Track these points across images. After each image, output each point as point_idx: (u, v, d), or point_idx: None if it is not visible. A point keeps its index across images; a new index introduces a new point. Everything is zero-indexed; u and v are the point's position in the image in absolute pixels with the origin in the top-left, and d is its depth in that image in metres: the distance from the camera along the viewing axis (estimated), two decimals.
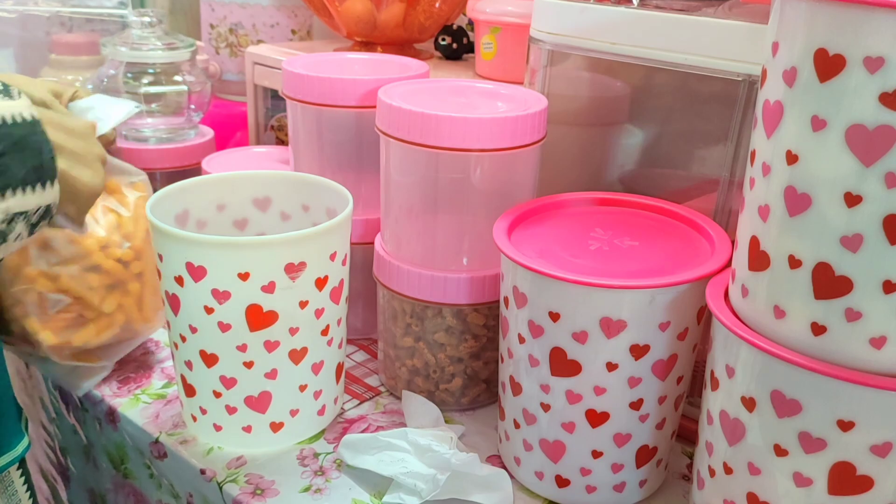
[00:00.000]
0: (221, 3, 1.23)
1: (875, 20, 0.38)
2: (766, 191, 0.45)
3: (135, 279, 0.72)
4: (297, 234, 0.59)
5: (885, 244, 0.41)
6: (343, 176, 0.75)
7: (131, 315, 0.72)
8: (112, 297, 0.70)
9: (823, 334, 0.44)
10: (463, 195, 0.67)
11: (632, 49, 0.64)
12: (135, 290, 0.72)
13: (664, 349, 0.55)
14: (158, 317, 0.75)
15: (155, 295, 0.74)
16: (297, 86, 0.75)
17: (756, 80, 0.58)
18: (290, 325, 0.61)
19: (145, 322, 0.74)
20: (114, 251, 0.70)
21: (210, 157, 0.95)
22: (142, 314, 0.73)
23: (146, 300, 0.73)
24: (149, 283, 0.73)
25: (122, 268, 0.70)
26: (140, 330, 0.74)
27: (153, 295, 0.74)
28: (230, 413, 0.64)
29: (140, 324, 0.73)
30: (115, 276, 0.70)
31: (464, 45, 1.08)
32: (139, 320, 0.73)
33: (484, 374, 0.72)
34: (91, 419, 0.76)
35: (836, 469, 0.45)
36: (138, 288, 0.72)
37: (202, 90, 1.04)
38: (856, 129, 0.40)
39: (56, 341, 0.68)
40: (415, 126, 0.63)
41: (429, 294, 0.68)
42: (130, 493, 0.75)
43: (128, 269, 0.71)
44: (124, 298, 0.71)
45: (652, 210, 0.66)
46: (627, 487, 0.60)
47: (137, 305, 0.72)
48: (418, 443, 0.62)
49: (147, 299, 0.73)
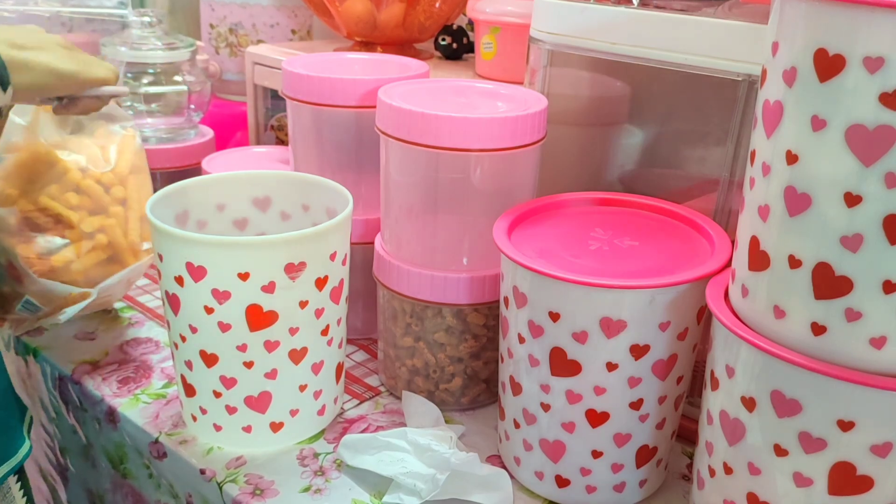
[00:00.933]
0: (221, 3, 1.23)
1: (875, 20, 0.38)
2: (766, 191, 0.45)
3: (117, 203, 0.72)
4: (297, 234, 0.60)
5: (885, 244, 0.41)
6: (343, 176, 0.75)
7: (115, 239, 0.72)
8: (93, 219, 0.71)
9: (823, 334, 0.44)
10: (463, 195, 0.67)
11: (632, 49, 0.64)
12: (117, 214, 0.72)
13: (664, 349, 0.55)
14: (146, 246, 0.75)
15: (142, 224, 0.74)
16: (297, 86, 0.75)
17: (756, 80, 0.58)
18: (290, 325, 0.61)
19: (132, 250, 0.74)
20: (93, 172, 0.72)
21: (210, 157, 0.95)
22: (127, 240, 0.73)
23: (131, 226, 0.73)
24: (134, 209, 0.74)
25: (103, 191, 0.72)
26: (126, 259, 0.74)
27: (139, 222, 0.74)
28: (230, 413, 0.64)
29: (126, 253, 0.73)
30: (96, 199, 0.71)
31: (464, 45, 1.08)
32: (125, 247, 0.73)
33: (484, 374, 0.72)
34: (90, 419, 0.76)
35: (836, 469, 0.45)
36: (121, 212, 0.73)
37: (202, 90, 1.04)
38: (856, 129, 0.40)
39: (33, 255, 0.69)
40: (415, 126, 0.63)
41: (429, 294, 0.68)
42: (129, 493, 0.75)
43: (109, 193, 0.72)
44: (106, 221, 0.72)
45: (652, 210, 0.66)
46: (627, 487, 0.60)
47: (122, 229, 0.73)
48: (418, 442, 0.62)
49: (132, 225, 0.73)
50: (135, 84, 0.99)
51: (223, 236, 0.59)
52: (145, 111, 1.00)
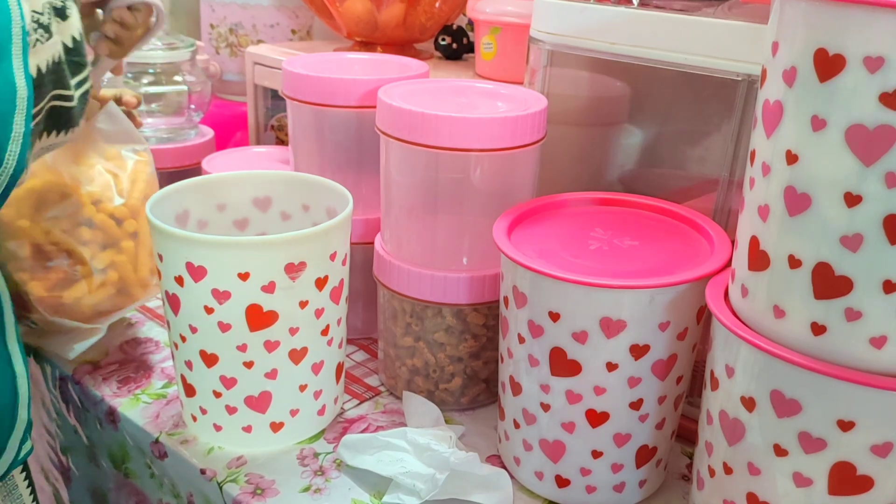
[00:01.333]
0: (221, 4, 1.23)
1: (875, 20, 0.38)
2: (765, 191, 0.45)
3: (128, 238, 0.71)
4: (297, 234, 0.60)
5: (885, 244, 0.41)
6: (343, 176, 0.75)
7: (125, 275, 0.71)
8: (104, 255, 0.70)
9: (823, 334, 0.44)
10: (463, 195, 0.67)
11: (632, 49, 0.64)
12: (128, 249, 0.71)
13: (664, 349, 0.55)
14: (155, 280, 0.74)
15: (152, 257, 0.73)
16: (297, 86, 0.75)
17: (756, 80, 0.58)
18: (290, 325, 0.61)
19: (141, 284, 0.73)
20: (106, 206, 0.70)
21: (210, 157, 0.95)
22: (137, 275, 0.72)
23: (142, 261, 0.72)
24: (144, 244, 0.72)
25: (115, 224, 0.70)
26: (135, 293, 0.73)
27: (150, 257, 0.73)
28: (230, 413, 0.64)
29: (135, 287, 0.72)
30: (108, 233, 0.70)
31: (464, 45, 1.08)
32: (134, 282, 0.72)
33: (484, 374, 0.72)
34: (92, 419, 0.76)
35: (836, 469, 0.45)
36: (132, 247, 0.71)
37: (202, 90, 1.04)
38: (856, 128, 0.40)
39: (45, 294, 0.68)
40: (415, 126, 0.63)
41: (429, 294, 0.68)
42: (132, 492, 0.75)
43: (121, 227, 0.70)
44: (117, 256, 0.71)
45: (652, 210, 0.66)
46: (627, 487, 0.60)
47: (132, 265, 0.72)
48: (417, 442, 0.62)
49: (143, 260, 0.72)
50: (135, 84, 0.99)
51: (223, 236, 0.59)
52: (145, 111, 1.00)
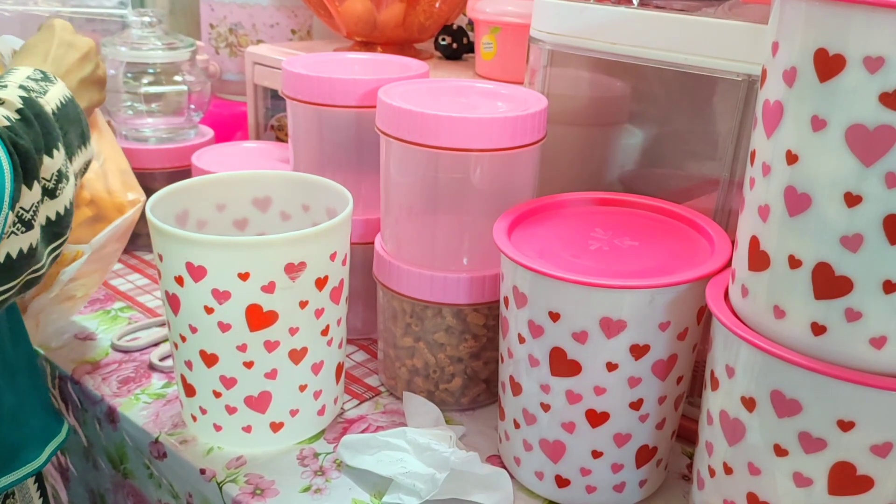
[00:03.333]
0: (221, 3, 1.23)
1: (875, 20, 0.38)
2: (766, 191, 0.45)
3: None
4: (297, 234, 0.59)
5: (885, 244, 0.41)
6: (343, 176, 0.75)
7: (97, 194, 0.72)
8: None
9: (823, 334, 0.44)
10: (463, 195, 0.67)
11: (632, 49, 0.64)
12: (93, 169, 0.71)
13: (664, 349, 0.55)
14: (130, 197, 0.74)
15: (123, 175, 0.74)
16: (297, 86, 0.75)
17: (756, 80, 0.58)
18: (290, 325, 0.61)
19: (115, 205, 0.73)
20: None
21: (200, 153, 0.95)
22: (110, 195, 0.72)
23: (111, 178, 0.73)
24: (112, 161, 0.73)
25: None
26: (111, 215, 0.73)
27: (120, 175, 0.73)
28: (230, 413, 0.64)
29: (110, 209, 0.72)
30: None
31: (464, 45, 1.08)
32: (108, 203, 0.72)
33: (484, 374, 0.72)
34: (91, 419, 0.76)
35: (836, 469, 0.45)
36: (96, 167, 0.72)
37: (202, 90, 1.04)
38: (856, 129, 0.40)
39: None
40: (415, 126, 0.63)
41: (429, 294, 0.68)
42: (130, 493, 0.75)
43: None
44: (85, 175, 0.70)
45: (652, 210, 0.66)
46: (627, 487, 0.60)
47: (102, 184, 0.72)
48: (417, 442, 0.62)
49: (112, 178, 0.73)
50: (135, 84, 0.99)
51: (223, 236, 0.59)
52: (145, 111, 1.00)
